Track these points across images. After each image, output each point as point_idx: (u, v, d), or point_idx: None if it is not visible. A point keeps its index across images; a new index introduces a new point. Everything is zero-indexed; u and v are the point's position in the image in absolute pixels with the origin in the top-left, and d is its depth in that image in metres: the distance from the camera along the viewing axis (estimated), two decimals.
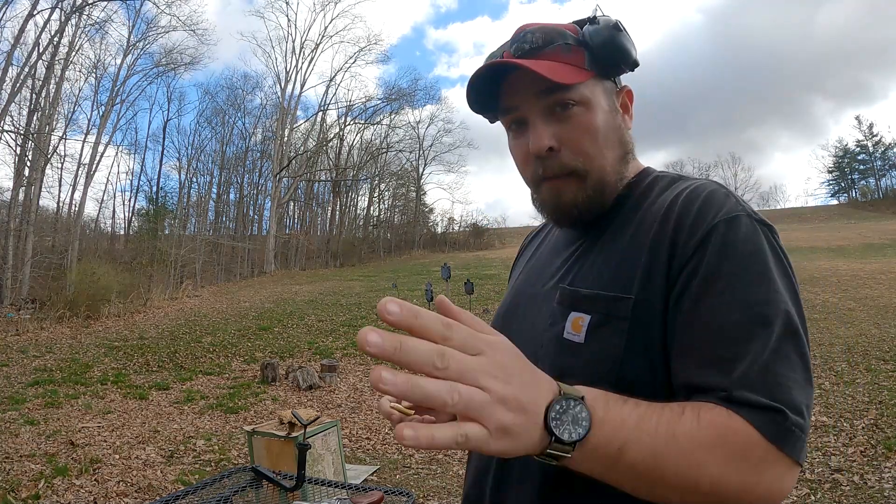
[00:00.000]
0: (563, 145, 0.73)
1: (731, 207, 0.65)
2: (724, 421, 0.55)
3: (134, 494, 4.04)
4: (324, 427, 3.73)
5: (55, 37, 17.74)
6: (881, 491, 3.52)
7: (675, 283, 0.63)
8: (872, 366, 6.37)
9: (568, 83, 0.71)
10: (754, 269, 0.61)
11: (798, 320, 0.60)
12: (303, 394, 7.22)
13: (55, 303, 12.56)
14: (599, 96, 0.75)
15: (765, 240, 0.64)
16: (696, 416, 0.55)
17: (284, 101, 29.18)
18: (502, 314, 0.88)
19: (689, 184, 0.71)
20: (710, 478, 0.53)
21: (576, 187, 0.74)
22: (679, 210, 0.66)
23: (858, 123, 51.19)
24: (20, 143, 17.14)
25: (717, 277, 0.61)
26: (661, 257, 0.65)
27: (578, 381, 0.54)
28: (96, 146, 20.81)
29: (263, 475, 1.50)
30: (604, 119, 0.74)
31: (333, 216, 35.98)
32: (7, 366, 8.22)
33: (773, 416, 0.55)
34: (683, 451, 0.53)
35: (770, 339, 0.58)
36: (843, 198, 47.34)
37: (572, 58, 0.73)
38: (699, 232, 0.63)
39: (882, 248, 19.27)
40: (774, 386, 0.56)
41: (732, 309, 0.60)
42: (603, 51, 0.73)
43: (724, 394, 0.56)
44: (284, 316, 12.35)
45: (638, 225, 0.71)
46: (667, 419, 0.54)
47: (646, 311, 0.65)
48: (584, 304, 0.69)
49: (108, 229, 29.00)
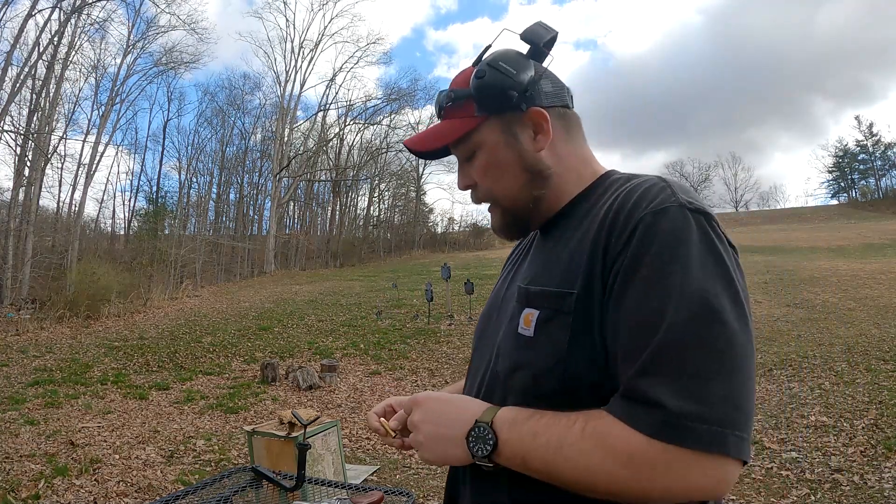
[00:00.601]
0: (476, 184, 0.85)
1: (663, 199, 0.66)
2: (606, 428, 0.60)
3: (134, 494, 4.04)
4: (324, 427, 3.73)
5: (55, 37, 17.73)
6: (881, 491, 3.52)
7: (609, 278, 0.67)
8: (872, 366, 6.37)
9: (457, 138, 0.82)
10: (669, 256, 0.62)
11: (719, 302, 0.59)
12: (303, 394, 7.22)
13: (55, 303, 12.56)
14: (494, 135, 0.81)
15: (695, 227, 0.64)
16: (583, 426, 0.61)
17: (284, 101, 29.19)
18: (481, 319, 0.95)
19: (633, 182, 0.73)
20: (603, 483, 0.60)
21: (497, 215, 0.87)
22: (615, 208, 0.69)
23: (858, 123, 51.26)
24: (20, 143, 17.14)
25: (635, 268, 0.64)
26: (597, 254, 0.69)
27: (529, 373, 0.72)
28: (96, 146, 20.82)
29: (263, 475, 1.50)
30: (502, 155, 0.82)
31: (333, 216, 36.01)
32: (7, 366, 8.22)
33: (653, 414, 0.57)
34: (569, 459, 0.61)
35: (674, 322, 0.59)
36: (843, 198, 47.36)
37: (463, 111, 0.82)
38: (628, 227, 0.66)
39: (882, 248, 19.26)
40: (678, 371, 0.57)
41: (644, 297, 0.62)
42: (483, 95, 0.80)
43: (626, 384, 0.61)
44: (284, 316, 12.35)
45: (588, 225, 0.74)
46: (558, 431, 0.63)
47: (587, 306, 0.68)
48: (535, 301, 0.74)
49: (108, 229, 29.03)
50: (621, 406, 0.60)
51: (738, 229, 31.26)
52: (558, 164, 0.82)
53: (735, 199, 52.49)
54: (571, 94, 0.87)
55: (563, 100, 0.84)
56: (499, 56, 0.80)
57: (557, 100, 0.83)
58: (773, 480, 3.83)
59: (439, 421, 0.73)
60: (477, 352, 0.91)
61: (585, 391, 0.67)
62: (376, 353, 9.15)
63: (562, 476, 0.63)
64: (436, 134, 0.84)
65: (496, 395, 0.78)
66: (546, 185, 0.83)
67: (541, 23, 0.82)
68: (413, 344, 9.58)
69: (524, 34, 0.81)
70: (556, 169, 0.82)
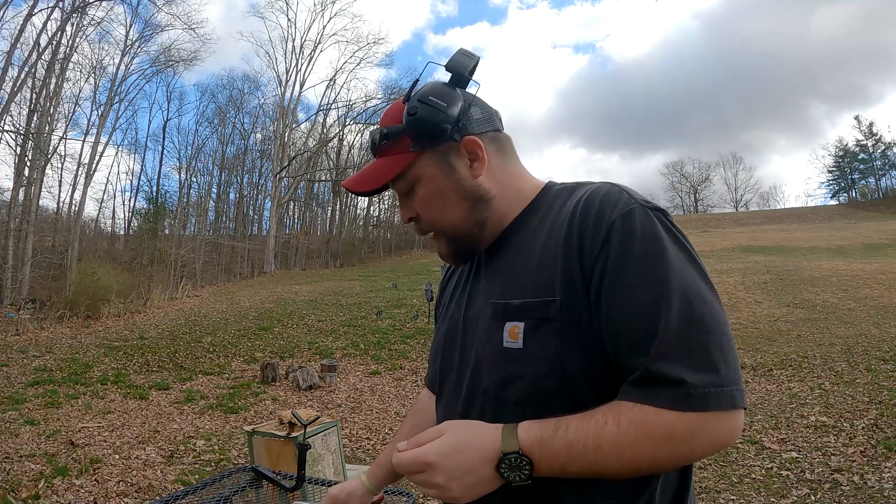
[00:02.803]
0: (418, 216, 0.87)
1: (625, 202, 0.73)
2: (639, 416, 0.65)
3: (134, 494, 4.04)
4: (324, 427, 3.73)
5: (55, 37, 17.74)
6: (881, 491, 3.52)
7: (591, 280, 0.71)
8: (872, 366, 6.37)
9: (393, 176, 0.84)
10: (651, 253, 0.69)
11: (697, 286, 0.69)
12: (303, 394, 7.22)
13: (55, 303, 12.56)
14: (431, 168, 0.83)
15: (658, 224, 0.72)
16: (616, 421, 0.66)
17: (284, 101, 29.19)
18: (441, 346, 0.94)
19: (586, 189, 0.79)
20: (646, 463, 0.66)
21: (442, 243, 0.88)
22: (581, 214, 0.74)
23: (858, 123, 51.21)
24: (20, 143, 17.14)
25: (622, 268, 0.69)
26: (573, 259, 0.73)
27: (525, 383, 0.74)
28: (96, 146, 20.80)
29: (263, 475, 1.50)
30: (441, 186, 0.84)
31: (333, 216, 36.01)
32: (7, 366, 8.22)
33: (678, 390, 0.64)
34: (611, 455, 0.65)
35: (672, 310, 0.66)
36: (843, 198, 47.37)
37: (399, 147, 0.83)
38: (601, 231, 0.71)
39: (882, 248, 19.26)
40: (687, 350, 0.65)
41: (638, 293, 0.68)
42: (416, 131, 0.81)
43: (637, 375, 0.66)
44: (284, 316, 12.35)
45: (548, 234, 0.79)
46: (592, 434, 0.66)
47: (572, 309, 0.72)
48: (517, 313, 0.76)
49: (108, 229, 28.99)
50: (646, 392, 0.66)
51: (738, 229, 31.24)
52: (497, 186, 0.86)
53: (735, 200, 52.54)
54: (500, 116, 0.90)
55: (493, 124, 0.87)
56: (428, 91, 0.81)
57: (488, 125, 0.86)
58: (773, 480, 3.83)
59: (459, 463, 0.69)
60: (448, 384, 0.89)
61: (582, 386, 0.72)
62: (376, 354, 9.15)
63: (604, 471, 0.67)
64: (374, 174, 0.85)
65: (488, 413, 0.77)
66: (488, 208, 0.85)
67: (462, 50, 0.85)
68: (413, 344, 9.57)
69: (448, 65, 0.83)
70: (496, 191, 0.85)
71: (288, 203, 31.54)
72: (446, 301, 1.01)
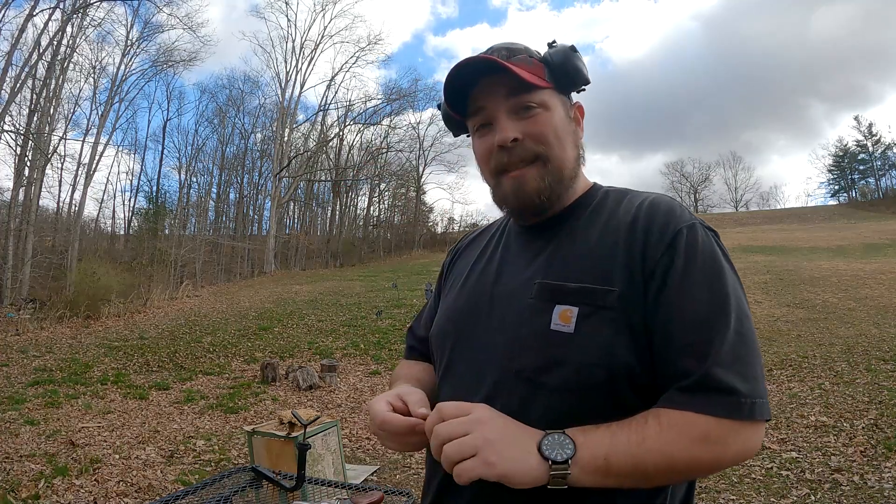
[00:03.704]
0: (526, 137, 0.82)
1: (688, 217, 0.79)
2: (682, 417, 0.67)
3: (134, 494, 4.04)
4: (324, 427, 3.73)
5: (55, 37, 17.74)
6: (881, 491, 3.52)
7: (651, 277, 0.74)
8: (872, 366, 6.37)
9: (534, 83, 0.81)
10: (714, 268, 0.74)
11: (745, 304, 0.75)
12: (303, 394, 7.22)
13: (55, 303, 12.56)
14: (557, 105, 0.85)
15: (714, 242, 0.78)
16: (657, 421, 0.68)
17: (284, 101, 29.19)
18: (458, 315, 0.88)
19: (646, 196, 0.84)
20: (683, 462, 0.67)
21: (538, 175, 0.82)
22: (646, 217, 0.79)
23: (858, 123, 51.25)
24: (20, 143, 17.14)
25: (687, 274, 0.73)
26: (635, 255, 0.76)
27: (571, 369, 0.73)
28: (96, 146, 20.81)
29: (263, 475, 1.50)
30: (561, 122, 0.85)
31: (333, 216, 36.00)
32: (7, 366, 8.22)
33: (731, 399, 0.67)
34: (652, 450, 0.66)
35: (729, 324, 0.70)
36: (843, 198, 47.35)
37: (534, 70, 0.83)
38: (667, 236, 0.76)
39: (882, 248, 19.26)
40: (741, 363, 0.69)
41: (700, 302, 0.72)
42: (560, 68, 0.84)
43: (695, 377, 0.69)
44: (284, 316, 12.35)
45: (604, 228, 0.81)
46: (634, 429, 0.67)
47: (629, 301, 0.74)
48: (571, 297, 0.76)
49: (108, 229, 28.99)
50: (697, 396, 0.68)
51: (738, 229, 31.23)
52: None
53: (735, 199, 52.51)
54: None
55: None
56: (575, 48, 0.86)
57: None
58: (773, 480, 3.83)
59: (504, 429, 0.68)
60: (463, 360, 0.84)
61: (623, 380, 0.73)
62: (376, 354, 9.15)
63: (645, 469, 0.67)
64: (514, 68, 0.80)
65: (515, 397, 0.75)
66: (578, 171, 0.89)
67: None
68: None
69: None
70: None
71: (288, 203, 31.54)
72: (460, 272, 0.96)
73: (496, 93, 0.82)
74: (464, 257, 1.00)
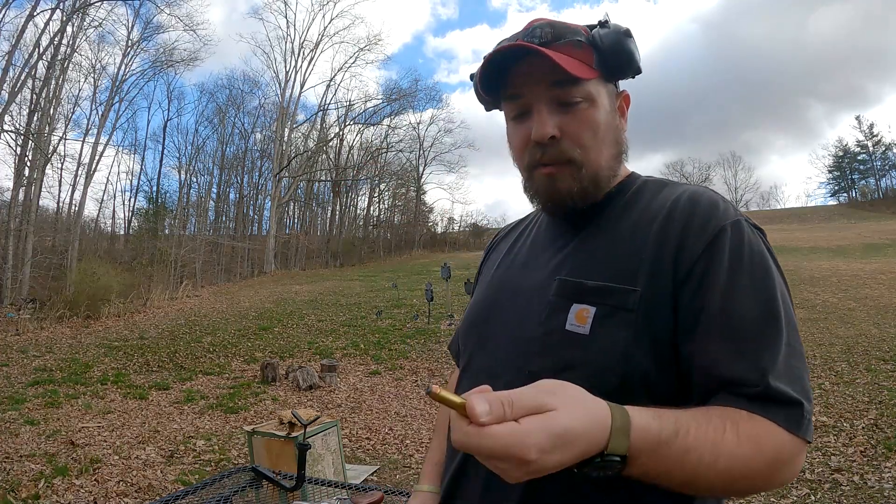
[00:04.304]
0: (564, 135, 0.75)
1: (733, 212, 0.71)
2: (757, 430, 0.59)
3: (134, 494, 4.04)
4: (324, 427, 3.73)
5: (56, 37, 17.74)
6: (881, 491, 3.52)
7: (687, 279, 0.67)
8: (872, 366, 6.37)
9: (580, 76, 0.73)
10: (762, 269, 0.67)
11: (793, 310, 0.68)
12: (303, 394, 7.22)
13: (55, 303, 12.56)
14: (603, 96, 0.77)
15: (762, 242, 0.70)
16: (735, 431, 0.59)
17: (284, 101, 29.20)
18: (480, 308, 0.86)
19: (685, 188, 0.76)
20: (743, 481, 0.60)
21: (571, 177, 0.76)
22: (683, 210, 0.71)
23: (859, 124, 51.18)
24: (20, 143, 17.14)
25: (732, 278, 0.66)
26: (667, 254, 0.69)
27: (583, 373, 0.65)
28: (96, 146, 20.81)
29: (263, 475, 1.50)
30: (605, 118, 0.76)
31: (333, 216, 36.00)
32: (7, 366, 8.22)
33: (796, 412, 0.61)
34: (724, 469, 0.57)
35: (781, 332, 0.64)
36: (843, 198, 47.36)
37: (581, 55, 0.75)
38: (707, 232, 0.68)
39: (882, 248, 19.26)
40: (794, 377, 0.62)
41: (749, 305, 0.65)
42: (611, 54, 0.75)
43: (758, 389, 0.61)
44: (284, 316, 12.35)
45: (635, 222, 0.74)
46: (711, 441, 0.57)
47: (652, 304, 0.67)
48: (589, 296, 0.70)
49: (108, 229, 28.98)
50: (769, 407, 0.61)
51: None
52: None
53: (735, 199, 52.44)
54: None
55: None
56: (630, 31, 0.77)
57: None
58: None
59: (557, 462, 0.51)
60: (480, 350, 0.81)
61: (639, 388, 0.66)
62: (376, 354, 9.15)
63: (699, 485, 0.59)
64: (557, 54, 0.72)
65: None
66: (618, 168, 0.81)
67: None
68: (413, 344, 9.57)
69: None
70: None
71: (288, 203, 31.55)
72: (491, 266, 0.93)
73: (536, 81, 0.75)
74: (497, 250, 0.96)
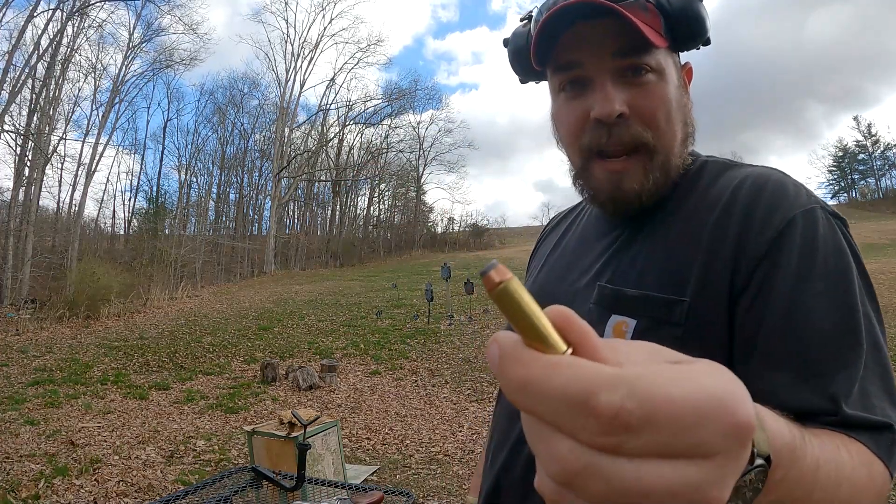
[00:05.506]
0: (633, 114, 0.62)
1: (805, 200, 0.58)
2: (863, 455, 0.49)
3: (134, 494, 4.04)
4: (324, 427, 3.73)
5: (56, 37, 17.75)
6: None
7: (748, 285, 0.56)
8: None
9: (654, 42, 0.61)
10: (839, 273, 0.55)
11: (878, 327, 0.55)
12: (303, 394, 7.22)
13: (55, 303, 12.57)
14: (672, 69, 0.65)
15: (841, 236, 0.57)
16: (849, 454, 0.48)
17: (284, 101, 29.21)
18: None
19: (748, 171, 0.63)
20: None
21: (642, 170, 0.63)
22: (744, 202, 0.59)
23: (857, 124, 51.28)
24: (20, 143, 17.16)
25: (802, 280, 0.54)
26: (723, 256, 0.57)
27: None
28: (96, 146, 20.83)
29: (263, 475, 1.50)
30: (675, 94, 0.65)
31: (333, 216, 36.01)
32: (7, 366, 8.22)
33: (885, 437, 0.50)
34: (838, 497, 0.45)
35: (861, 353, 0.52)
36: (843, 198, 47.38)
37: (649, 19, 0.62)
38: (772, 227, 0.56)
39: (882, 248, 19.26)
40: (870, 405, 0.51)
41: (821, 316, 0.53)
42: (682, 19, 0.63)
43: (836, 418, 0.50)
44: (284, 316, 12.35)
45: (689, 217, 0.62)
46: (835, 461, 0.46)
47: (702, 316, 0.57)
48: (629, 307, 0.61)
49: (108, 229, 29.00)
50: (858, 432, 0.50)
51: None
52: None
53: None
54: None
55: None
56: None
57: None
58: None
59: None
60: None
61: None
62: (376, 353, 9.15)
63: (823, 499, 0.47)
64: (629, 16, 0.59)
65: None
66: (686, 155, 0.68)
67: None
68: (413, 344, 9.58)
69: None
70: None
71: (288, 203, 31.57)
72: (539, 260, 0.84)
73: (602, 46, 0.62)
74: (546, 242, 0.87)
